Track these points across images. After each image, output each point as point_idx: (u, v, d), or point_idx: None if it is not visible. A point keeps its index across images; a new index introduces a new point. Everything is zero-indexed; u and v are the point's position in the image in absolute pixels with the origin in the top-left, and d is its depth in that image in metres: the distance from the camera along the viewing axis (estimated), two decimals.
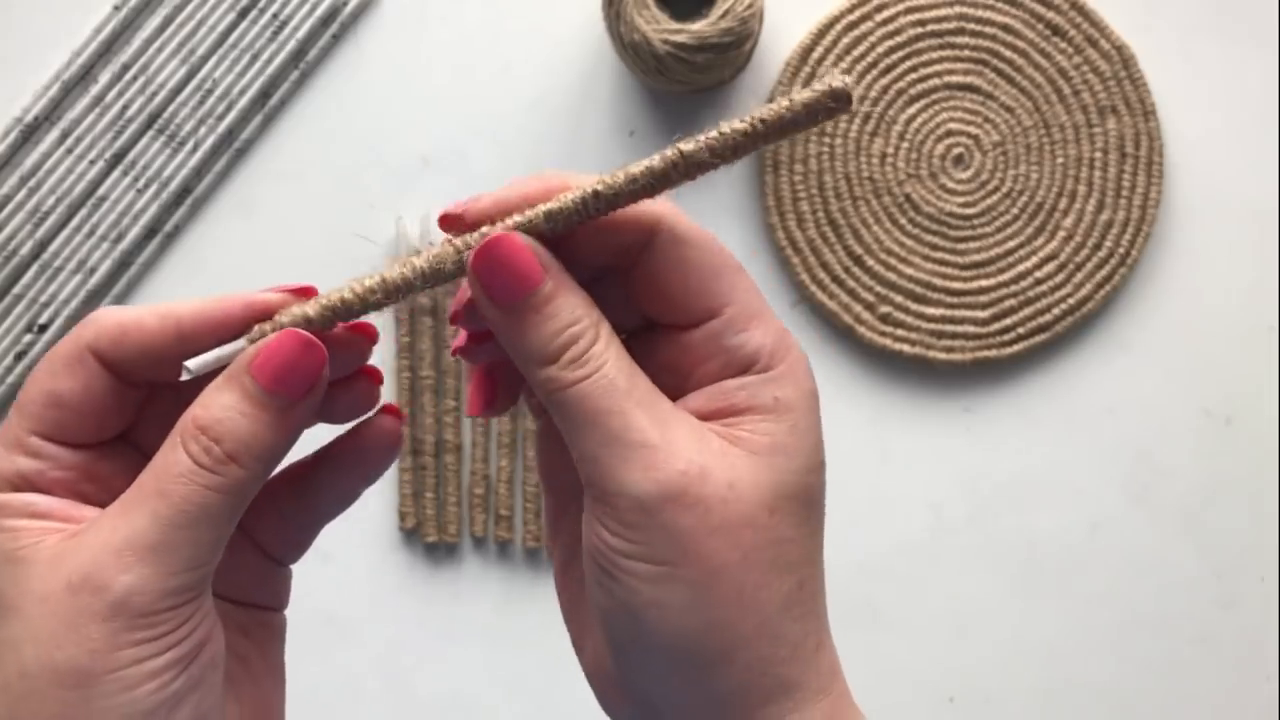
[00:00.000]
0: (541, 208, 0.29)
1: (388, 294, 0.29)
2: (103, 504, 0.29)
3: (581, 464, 0.29)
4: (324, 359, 0.28)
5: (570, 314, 0.28)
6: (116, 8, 0.71)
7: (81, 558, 0.27)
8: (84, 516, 0.29)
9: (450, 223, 0.29)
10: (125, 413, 0.30)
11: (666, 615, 0.28)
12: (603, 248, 0.30)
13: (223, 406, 0.28)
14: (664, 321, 0.31)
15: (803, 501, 0.29)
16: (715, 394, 0.30)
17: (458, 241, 0.29)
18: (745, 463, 0.28)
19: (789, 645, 0.29)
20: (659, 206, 0.30)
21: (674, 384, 0.30)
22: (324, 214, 0.72)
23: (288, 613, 0.34)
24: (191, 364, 0.28)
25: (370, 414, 0.32)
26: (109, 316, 0.29)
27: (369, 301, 0.29)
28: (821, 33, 0.72)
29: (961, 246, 0.72)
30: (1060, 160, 0.72)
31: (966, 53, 0.72)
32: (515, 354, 0.29)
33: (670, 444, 0.28)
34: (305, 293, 0.30)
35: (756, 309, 0.30)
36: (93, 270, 0.71)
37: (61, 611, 0.27)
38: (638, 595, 0.28)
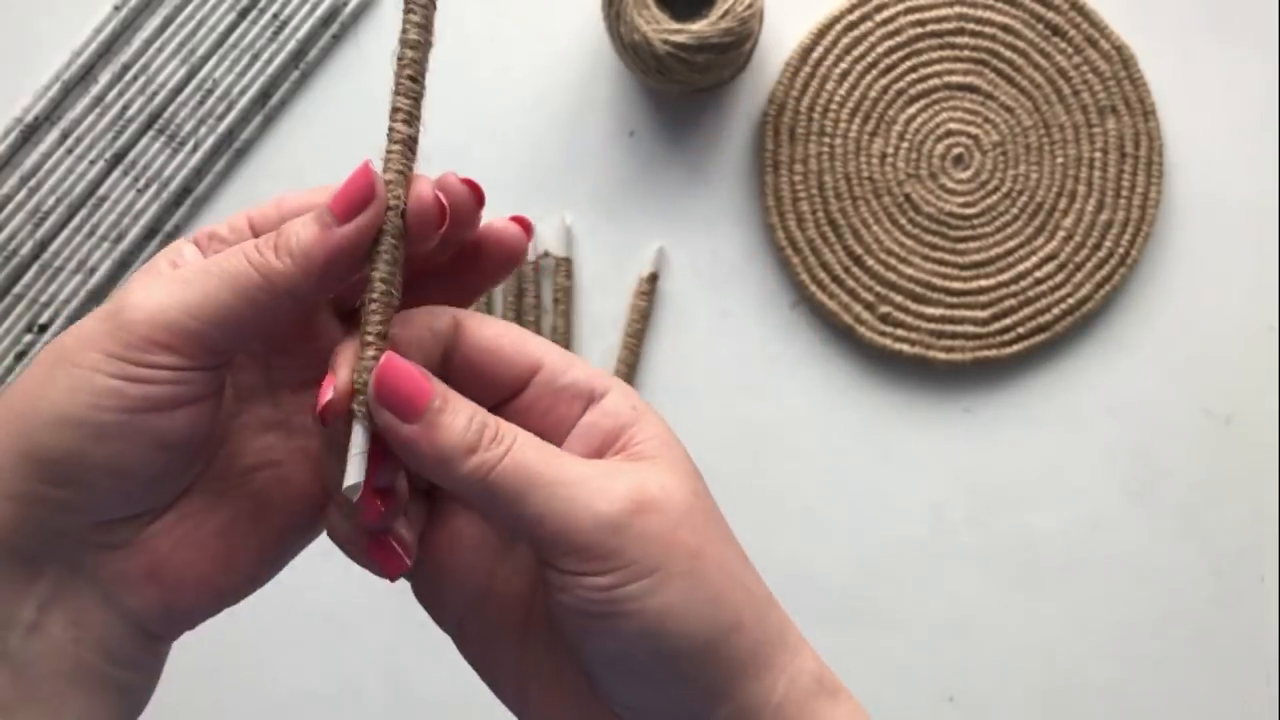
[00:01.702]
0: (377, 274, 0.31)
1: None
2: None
3: (534, 530, 0.30)
4: (370, 180, 0.31)
5: (467, 406, 0.30)
6: (117, 8, 0.71)
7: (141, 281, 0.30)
8: None
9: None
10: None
11: (681, 613, 0.30)
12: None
13: (296, 220, 0.31)
14: (498, 397, 0.33)
15: (699, 477, 0.32)
16: (585, 432, 0.33)
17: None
18: (654, 468, 0.31)
19: (763, 600, 0.32)
20: (455, 313, 0.32)
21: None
22: None
23: (287, 611, 0.34)
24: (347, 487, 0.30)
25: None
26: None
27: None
28: (821, 33, 0.72)
29: (961, 246, 0.72)
30: (1060, 160, 0.72)
31: (966, 53, 0.72)
32: (434, 460, 0.30)
33: (600, 474, 0.30)
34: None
35: (565, 356, 0.33)
36: (93, 270, 0.71)
37: (99, 315, 0.30)
38: (647, 614, 0.30)
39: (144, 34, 0.71)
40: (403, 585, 0.33)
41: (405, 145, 0.32)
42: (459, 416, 0.30)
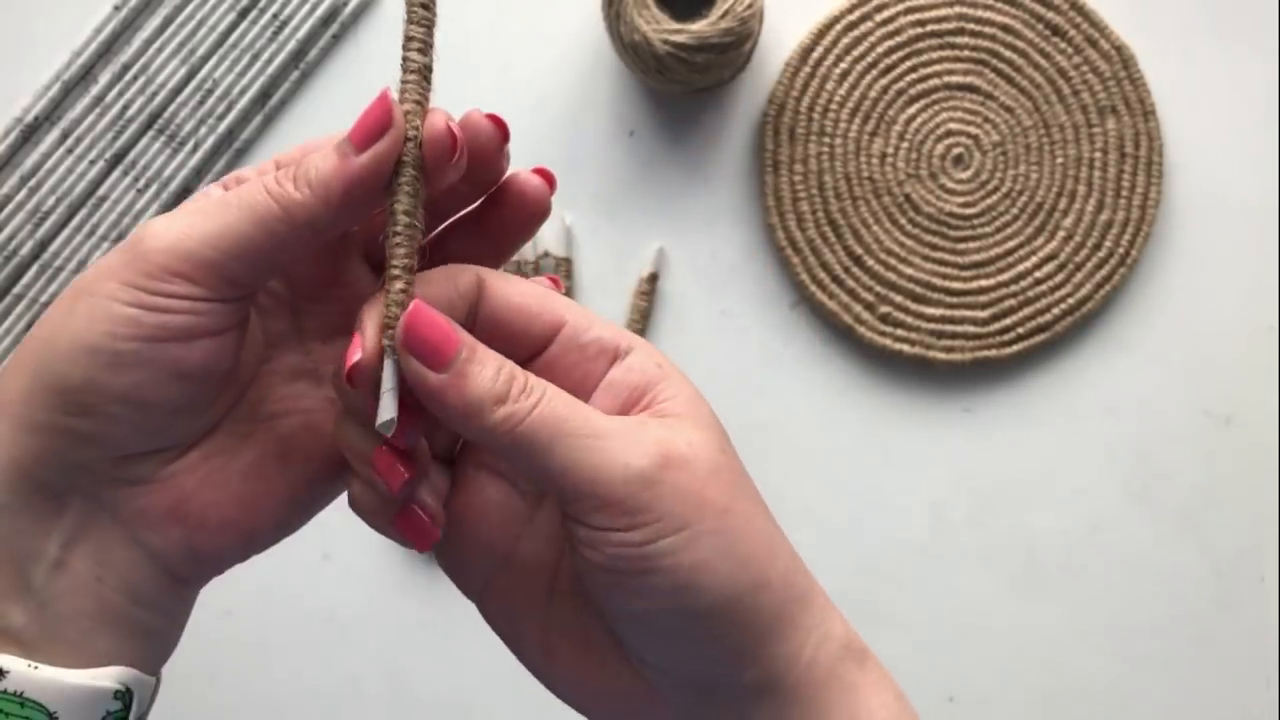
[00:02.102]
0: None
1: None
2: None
3: (562, 482, 0.29)
4: (390, 118, 0.30)
5: (494, 357, 0.30)
6: (117, 8, 0.71)
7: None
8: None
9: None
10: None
11: (711, 570, 0.30)
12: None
13: (313, 156, 0.31)
14: (523, 354, 0.32)
15: (726, 436, 0.32)
16: (610, 388, 0.32)
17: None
18: (682, 424, 0.31)
19: (788, 555, 0.32)
20: (479, 271, 0.32)
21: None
22: None
23: (287, 611, 0.34)
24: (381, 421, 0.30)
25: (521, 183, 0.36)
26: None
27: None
28: (821, 33, 0.72)
29: (961, 246, 0.72)
30: (1060, 160, 0.72)
31: (966, 53, 0.72)
32: (462, 411, 0.30)
33: (630, 429, 0.30)
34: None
35: (588, 314, 0.33)
36: None
37: (120, 247, 0.30)
38: (679, 570, 0.29)
39: (144, 34, 0.71)
40: (401, 585, 0.33)
41: (420, 74, 0.32)
42: (487, 367, 0.30)
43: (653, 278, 0.72)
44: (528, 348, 0.32)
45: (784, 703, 0.31)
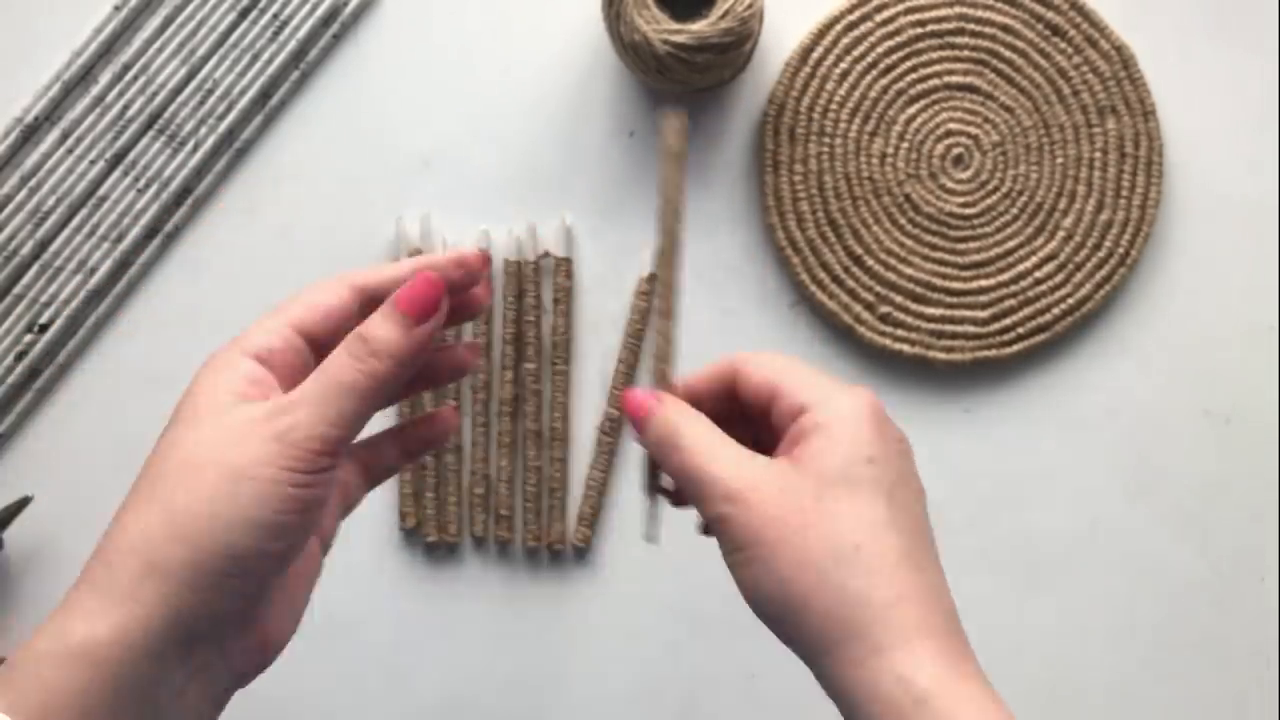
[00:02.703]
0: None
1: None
2: None
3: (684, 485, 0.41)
4: (441, 291, 0.40)
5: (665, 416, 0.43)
6: (117, 8, 0.71)
7: (268, 407, 0.37)
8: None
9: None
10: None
11: (754, 584, 0.38)
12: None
13: (375, 322, 0.39)
14: (755, 415, 0.43)
15: (848, 487, 0.39)
16: (787, 435, 0.41)
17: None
18: (792, 470, 0.39)
19: (853, 596, 0.37)
20: (736, 360, 0.44)
21: (772, 443, 0.42)
22: (324, 214, 0.72)
23: None
24: None
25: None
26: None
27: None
28: (821, 33, 0.72)
29: (961, 246, 0.72)
30: (1060, 160, 0.72)
31: (966, 53, 0.72)
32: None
33: (727, 468, 0.40)
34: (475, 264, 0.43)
35: (806, 380, 0.41)
36: (93, 270, 0.71)
37: (239, 427, 0.37)
38: (735, 570, 0.39)
39: (144, 34, 0.72)
40: (400, 585, 0.34)
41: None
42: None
43: (652, 278, 0.72)
44: (760, 411, 0.43)
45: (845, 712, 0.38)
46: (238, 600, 0.36)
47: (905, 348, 0.72)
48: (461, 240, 0.72)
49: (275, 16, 0.72)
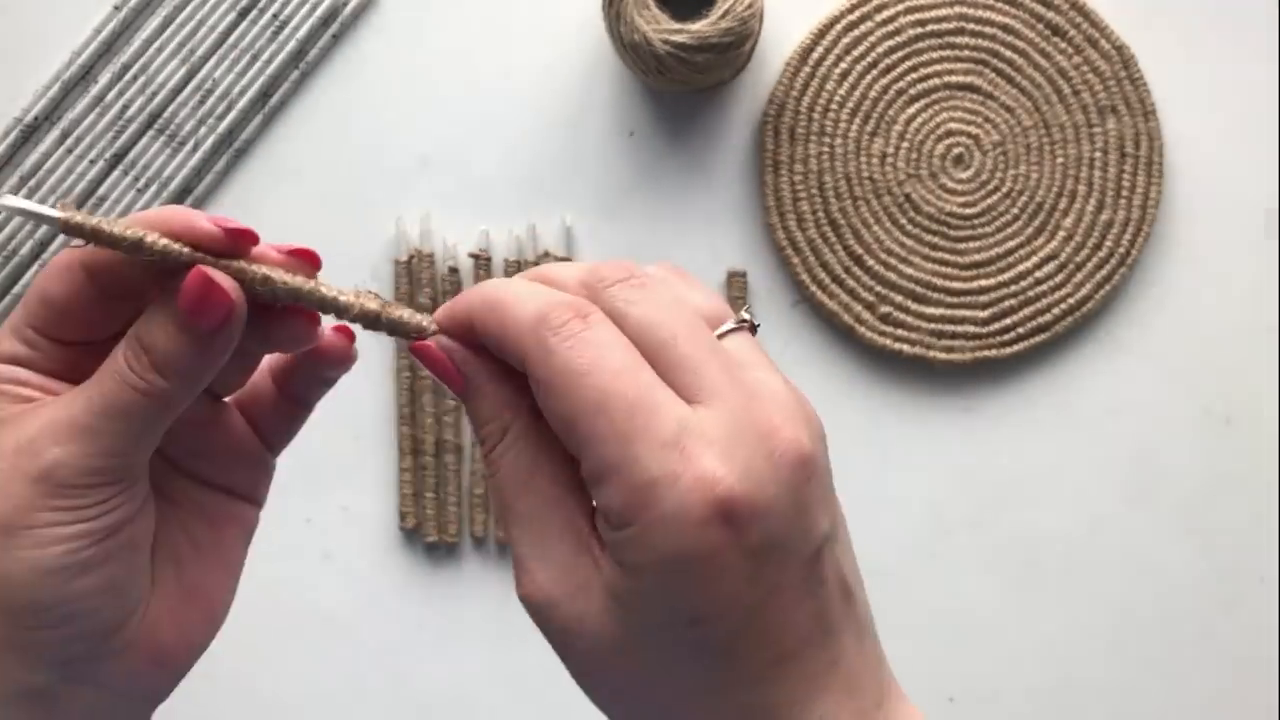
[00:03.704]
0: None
1: (300, 298, 0.31)
2: None
3: None
4: (229, 303, 0.30)
5: (481, 414, 0.31)
6: (117, 8, 0.71)
7: (29, 425, 0.30)
8: (61, 394, 0.32)
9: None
10: (117, 318, 0.32)
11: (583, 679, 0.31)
12: None
13: (157, 323, 0.30)
14: None
15: (664, 650, 0.28)
16: (596, 509, 0.30)
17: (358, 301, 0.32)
18: (598, 601, 0.29)
19: None
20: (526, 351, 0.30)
21: None
22: (324, 214, 0.72)
23: (287, 611, 0.35)
24: (4, 200, 0.31)
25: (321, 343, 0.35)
26: None
27: (279, 291, 0.31)
28: (821, 33, 0.72)
29: (961, 246, 0.72)
30: (1060, 160, 0.72)
31: (966, 53, 0.72)
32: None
33: (535, 566, 0.29)
34: (302, 254, 0.32)
35: (612, 462, 0.27)
36: None
37: (2, 469, 0.30)
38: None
39: (144, 34, 0.71)
40: (401, 585, 0.33)
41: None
42: (475, 416, 0.32)
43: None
44: None
45: None
46: (77, 644, 0.31)
47: (905, 348, 0.72)
48: (462, 240, 0.72)
49: (275, 16, 0.72)
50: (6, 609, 0.30)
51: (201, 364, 0.31)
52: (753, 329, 0.32)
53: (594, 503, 0.29)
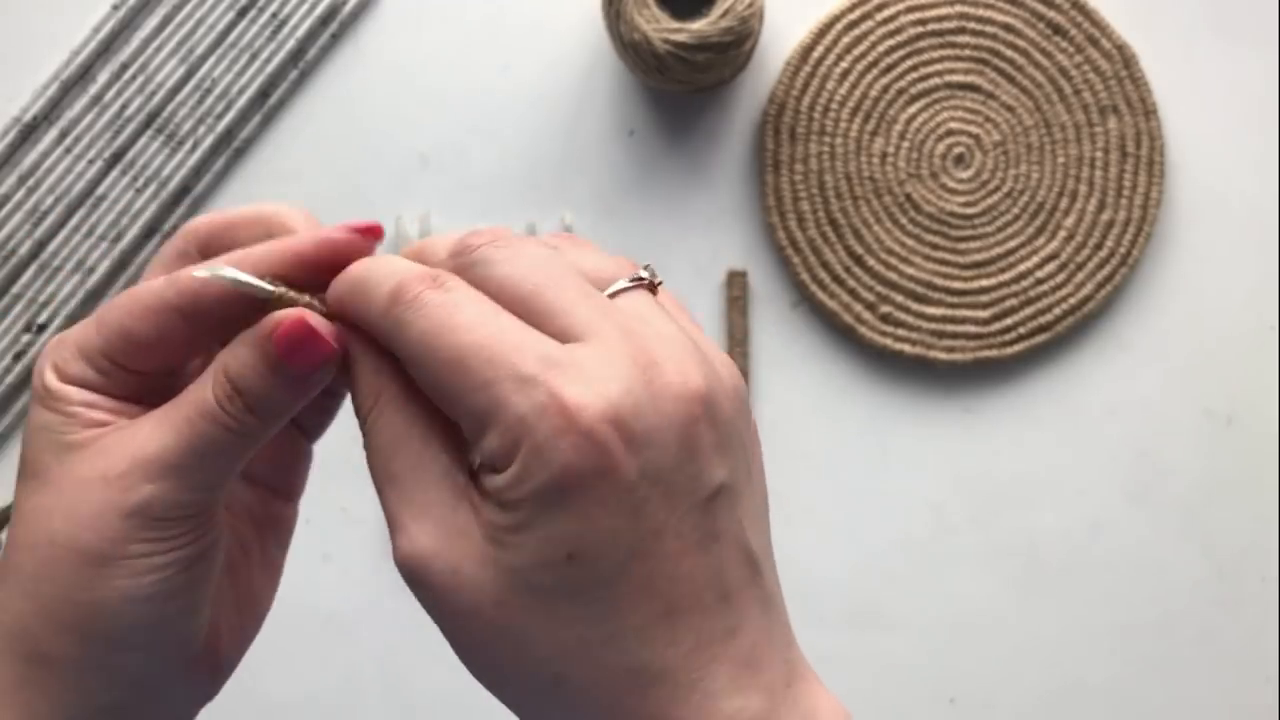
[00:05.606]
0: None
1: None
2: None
3: None
4: (329, 349, 0.30)
5: (358, 390, 0.31)
6: (115, 7, 0.71)
7: (118, 457, 0.30)
8: (134, 416, 0.32)
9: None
10: (198, 349, 0.33)
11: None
12: None
13: (247, 364, 0.30)
14: None
15: (543, 595, 0.27)
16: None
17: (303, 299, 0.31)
18: (477, 547, 0.28)
19: None
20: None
21: None
22: (323, 214, 0.72)
23: (286, 612, 0.35)
24: (202, 271, 0.30)
25: None
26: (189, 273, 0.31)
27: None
28: (822, 32, 0.71)
29: (962, 246, 0.72)
30: (1061, 160, 0.72)
31: (967, 52, 0.72)
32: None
33: (409, 519, 0.29)
34: (372, 231, 0.33)
35: (481, 410, 0.27)
36: (91, 270, 0.71)
37: (94, 500, 0.30)
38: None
39: (142, 33, 0.71)
40: (400, 585, 0.33)
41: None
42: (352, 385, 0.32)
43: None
44: None
45: None
46: (156, 664, 0.32)
47: (906, 347, 0.72)
48: None
49: (274, 15, 0.72)
50: (98, 635, 0.31)
51: (294, 401, 0.31)
52: (652, 288, 0.31)
53: (478, 461, 0.28)
